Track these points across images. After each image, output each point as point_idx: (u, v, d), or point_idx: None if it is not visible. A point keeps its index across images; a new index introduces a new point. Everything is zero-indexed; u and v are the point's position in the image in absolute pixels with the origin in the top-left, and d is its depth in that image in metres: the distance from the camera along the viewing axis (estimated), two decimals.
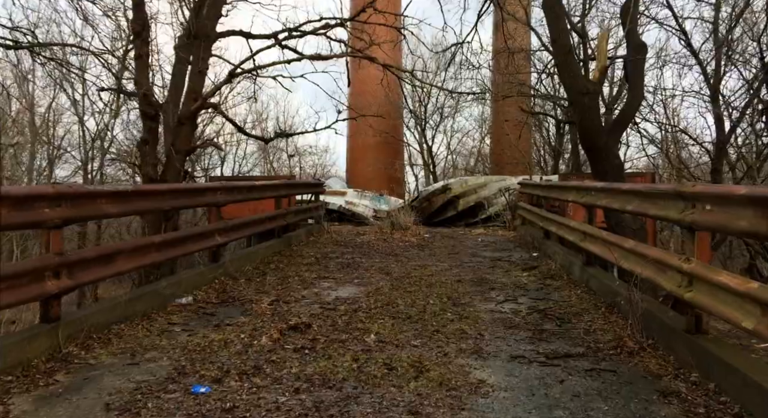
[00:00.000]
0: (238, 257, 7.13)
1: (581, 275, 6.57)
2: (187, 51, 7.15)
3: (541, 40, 18.26)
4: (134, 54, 7.41)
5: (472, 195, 15.74)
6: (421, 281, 6.70)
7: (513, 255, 8.88)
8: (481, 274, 7.26)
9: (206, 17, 7.28)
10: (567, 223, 7.37)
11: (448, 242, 10.48)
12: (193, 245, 5.87)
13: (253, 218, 7.68)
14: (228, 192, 6.72)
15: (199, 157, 17.75)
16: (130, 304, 4.69)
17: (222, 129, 18.45)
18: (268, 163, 23.54)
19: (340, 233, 11.41)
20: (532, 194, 11.14)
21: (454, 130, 26.40)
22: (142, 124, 7.43)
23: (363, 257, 8.56)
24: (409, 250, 9.36)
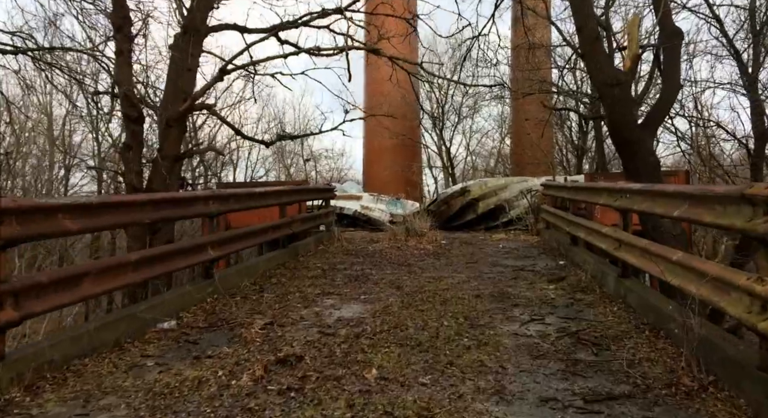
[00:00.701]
0: (235, 272, 6.50)
1: (617, 289, 5.77)
2: (181, 50, 6.58)
3: (562, 34, 17.44)
4: (115, 50, 6.85)
5: (493, 197, 14.94)
6: (435, 296, 5.98)
7: (537, 264, 8.09)
8: (503, 287, 6.50)
9: (196, 9, 6.67)
10: (598, 228, 6.57)
11: (466, 249, 9.73)
12: (180, 261, 5.25)
13: (253, 228, 7.06)
14: (222, 201, 6.10)
15: (211, 164, 17.29)
16: (99, 332, 4.08)
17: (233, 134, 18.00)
18: (284, 168, 23.06)
19: (352, 240, 10.75)
20: (557, 196, 10.32)
21: (473, 131, 25.62)
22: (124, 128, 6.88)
23: (373, 268, 7.87)
24: (423, 259, 8.63)
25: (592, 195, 6.94)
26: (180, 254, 5.26)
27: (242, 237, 6.66)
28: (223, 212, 6.34)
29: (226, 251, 6.17)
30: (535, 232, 11.71)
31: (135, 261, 4.51)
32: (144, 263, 4.63)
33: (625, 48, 8.52)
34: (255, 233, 7.07)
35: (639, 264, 5.17)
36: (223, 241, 6.10)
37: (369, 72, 21.36)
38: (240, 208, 6.77)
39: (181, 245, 5.47)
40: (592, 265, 6.81)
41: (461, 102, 22.27)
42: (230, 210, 6.43)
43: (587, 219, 8.75)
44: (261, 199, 7.30)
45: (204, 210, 5.78)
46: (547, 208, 10.76)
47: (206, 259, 5.76)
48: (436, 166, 26.16)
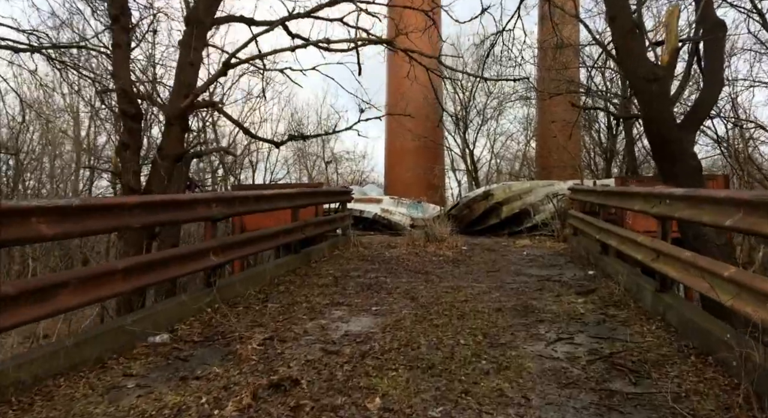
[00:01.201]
0: (240, 280, 6.11)
1: (654, 304, 5.19)
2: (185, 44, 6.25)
3: (591, 33, 16.73)
4: (112, 43, 6.53)
5: (517, 201, 14.33)
6: (452, 309, 5.48)
7: (564, 273, 7.51)
8: (527, 299, 5.96)
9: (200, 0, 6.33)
10: (633, 237, 5.98)
11: (488, 256, 9.18)
12: (177, 268, 4.87)
13: (262, 233, 6.67)
14: (226, 204, 5.71)
15: (231, 166, 17.06)
16: (80, 348, 3.71)
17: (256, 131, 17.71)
18: (305, 170, 22.78)
19: (369, 245, 10.30)
20: (586, 201, 9.70)
21: (498, 134, 24.95)
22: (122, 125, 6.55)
23: (389, 275, 7.40)
24: (442, 266, 8.13)
25: (626, 200, 6.35)
26: (177, 260, 4.88)
27: (249, 242, 6.26)
28: (228, 216, 5.96)
29: (230, 256, 5.78)
30: (562, 238, 11.09)
31: (123, 269, 4.14)
32: (134, 271, 4.26)
33: (660, 43, 7.90)
34: (264, 237, 6.68)
35: (681, 278, 4.59)
36: (227, 246, 5.71)
37: (390, 72, 20.93)
38: (247, 211, 6.40)
39: (179, 250, 5.10)
40: (626, 276, 6.21)
41: (485, 103, 21.63)
42: (236, 213, 6.05)
43: (617, 225, 8.15)
44: (271, 202, 6.91)
45: (206, 213, 5.39)
46: (575, 213, 10.14)
47: (208, 266, 5.37)
48: (460, 169, 25.58)
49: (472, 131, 23.04)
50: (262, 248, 6.71)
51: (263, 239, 6.65)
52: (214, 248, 5.46)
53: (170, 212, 4.81)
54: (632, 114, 13.18)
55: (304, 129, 18.86)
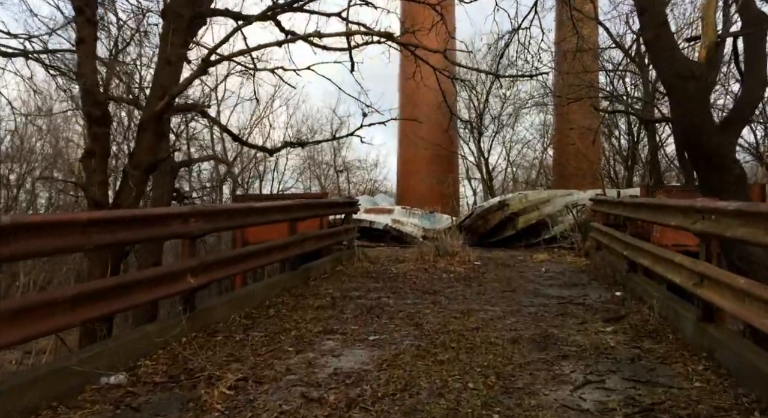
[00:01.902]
0: (224, 302, 5.45)
1: (698, 337, 4.41)
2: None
3: (611, 36, 15.96)
4: (76, 37, 5.93)
5: (534, 212, 13.53)
6: (460, 339, 4.76)
7: (588, 294, 6.73)
8: (546, 327, 5.20)
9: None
10: (670, 257, 5.20)
11: (503, 273, 8.42)
12: (145, 294, 4.23)
13: (252, 249, 6.02)
14: (208, 218, 5.07)
15: (239, 176, 16.54)
16: (10, 396, 3.07)
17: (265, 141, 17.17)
18: (317, 179, 22.22)
19: (376, 259, 9.59)
20: (610, 213, 8.90)
21: (513, 141, 24.12)
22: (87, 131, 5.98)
23: (393, 296, 6.69)
24: (452, 285, 7.39)
25: (660, 214, 5.56)
26: (144, 285, 4.23)
27: (236, 260, 5.61)
28: (210, 232, 5.31)
29: (212, 277, 5.12)
30: (583, 252, 10.28)
31: (72, 297, 3.50)
32: (87, 299, 3.62)
33: (694, 39, 7.13)
34: (255, 254, 6.02)
35: (734, 310, 3.82)
36: (209, 266, 5.06)
37: (402, 77, 20.30)
38: (234, 225, 5.78)
39: (147, 273, 4.46)
40: (660, 300, 5.43)
41: (500, 111, 20.86)
42: (219, 229, 5.42)
43: (644, 239, 7.35)
44: (263, 215, 6.26)
45: (182, 230, 4.76)
46: (598, 226, 9.33)
47: (185, 289, 4.73)
48: (475, 178, 24.82)
49: (486, 139, 22.30)
50: (252, 266, 6.05)
51: (254, 255, 6.00)
52: (192, 269, 4.81)
53: (135, 230, 4.18)
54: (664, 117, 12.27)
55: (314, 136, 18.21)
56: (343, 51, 6.48)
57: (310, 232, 7.80)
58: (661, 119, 12.42)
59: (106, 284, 3.89)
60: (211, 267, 5.08)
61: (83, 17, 5.59)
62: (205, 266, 4.97)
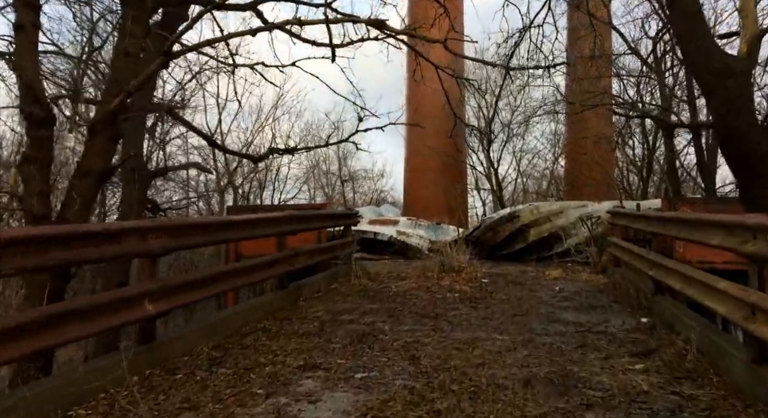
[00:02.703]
0: (194, 330, 4.73)
1: (750, 383, 3.60)
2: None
3: (627, 41, 15.19)
4: (13, 24, 5.22)
5: (546, 224, 12.71)
6: (463, 379, 3.98)
7: (610, 320, 5.91)
8: (565, 362, 4.41)
9: None
10: (711, 282, 4.39)
11: (513, 292, 7.62)
12: (87, 325, 3.52)
13: (226, 269, 5.31)
14: (172, 234, 4.36)
15: (242, 186, 15.89)
16: None
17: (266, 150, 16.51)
18: (322, 189, 21.55)
19: (376, 275, 8.83)
20: (630, 228, 8.09)
21: (524, 151, 23.30)
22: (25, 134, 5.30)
23: (389, 320, 5.92)
24: (456, 307, 6.61)
25: (696, 231, 4.75)
26: (87, 314, 3.52)
27: (209, 281, 4.88)
28: (176, 249, 4.60)
29: (176, 303, 4.41)
30: (599, 269, 9.44)
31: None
32: (4, 335, 2.91)
33: (729, 35, 6.36)
34: (233, 274, 5.30)
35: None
36: (173, 290, 4.35)
37: (410, 83, 19.63)
38: (207, 242, 5.06)
39: (89, 301, 3.75)
40: (698, 331, 4.61)
41: (510, 119, 20.08)
42: (189, 246, 4.72)
43: (666, 255, 6.54)
44: (243, 229, 5.54)
45: (140, 248, 4.05)
46: (617, 241, 8.52)
47: (140, 317, 4.02)
48: (484, 188, 24.01)
49: (496, 148, 21.51)
50: (229, 287, 5.31)
51: (232, 275, 5.27)
52: (151, 293, 4.09)
53: (76, 249, 3.48)
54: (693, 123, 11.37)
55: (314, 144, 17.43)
56: (338, 47, 5.79)
57: (302, 247, 7.08)
58: (690, 125, 11.54)
59: (29, 316, 3.17)
60: (176, 291, 4.36)
61: (21, 1, 4.91)
62: (167, 290, 4.26)
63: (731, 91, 4.64)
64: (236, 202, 15.68)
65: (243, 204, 15.61)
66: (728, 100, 4.63)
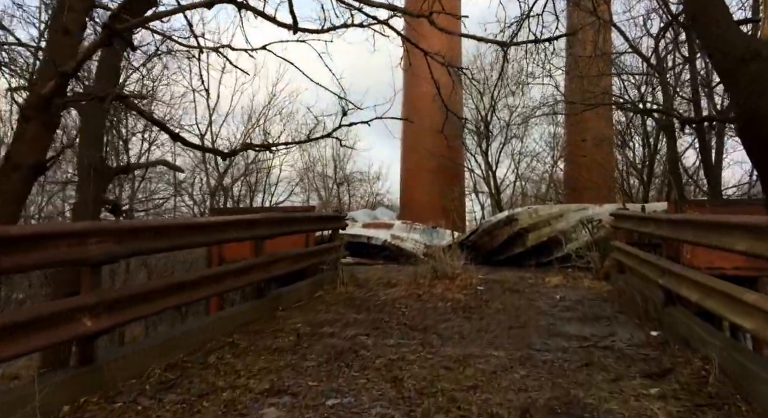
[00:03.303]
0: (148, 347, 4.14)
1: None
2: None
3: (627, 40, 14.65)
4: None
5: (545, 228, 12.13)
6: (451, 407, 3.40)
7: (617, 333, 5.32)
8: (568, 386, 3.82)
9: None
10: (736, 293, 3.80)
11: (510, 301, 7.03)
12: (5, 347, 2.93)
13: (188, 278, 4.71)
14: (122, 238, 3.78)
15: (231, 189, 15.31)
16: None
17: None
18: (316, 192, 20.97)
19: (365, 282, 8.24)
20: (636, 231, 7.52)
21: (522, 154, 22.72)
22: None
23: (374, 332, 5.33)
24: (448, 318, 6.01)
25: (717, 235, 4.16)
26: (5, 332, 2.93)
27: (163, 293, 4.28)
28: (124, 256, 4.02)
29: (121, 318, 3.82)
30: (602, 275, 8.86)
31: None
32: None
33: (748, 21, 5.80)
34: (195, 283, 4.71)
35: None
36: (117, 303, 3.75)
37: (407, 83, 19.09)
38: (165, 247, 4.47)
39: (7, 318, 3.17)
40: (719, 348, 4.02)
41: (509, 120, 19.51)
42: (140, 252, 4.14)
43: (673, 260, 5.96)
44: (212, 232, 4.96)
45: (76, 254, 3.47)
46: (621, 245, 7.93)
47: (76, 335, 3.43)
48: (483, 192, 23.43)
49: (494, 150, 20.91)
50: (191, 298, 4.71)
51: (195, 285, 4.68)
52: (90, 307, 3.51)
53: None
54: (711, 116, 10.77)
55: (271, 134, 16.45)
56: (315, 33, 5.22)
57: (282, 252, 6.50)
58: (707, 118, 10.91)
59: None
60: (121, 304, 3.77)
61: None
62: (110, 304, 3.67)
63: (755, 75, 4.07)
64: (227, 204, 15.10)
65: (235, 206, 15.04)
66: (752, 82, 4.07)
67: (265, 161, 15.83)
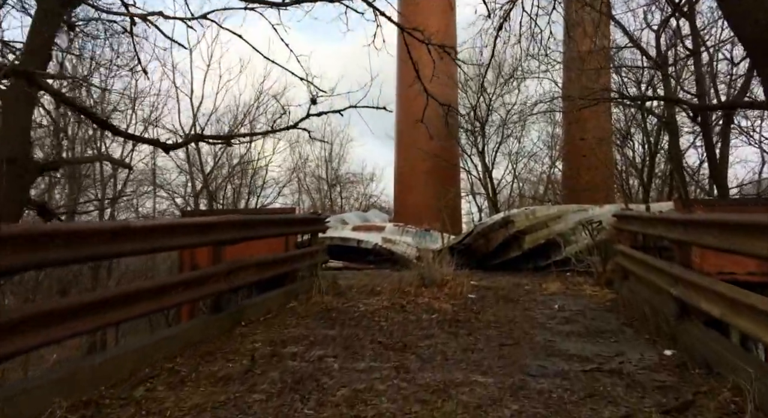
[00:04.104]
0: (51, 381, 3.35)
1: None
2: None
3: (628, 33, 13.90)
4: None
5: (543, 230, 11.36)
6: None
7: (625, 353, 4.52)
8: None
9: None
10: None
11: (503, 311, 6.25)
12: None
13: (112, 293, 3.93)
14: (22, 246, 3.01)
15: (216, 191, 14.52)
16: None
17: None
18: (307, 194, 20.19)
19: (346, 290, 7.44)
20: (643, 234, 6.75)
21: (520, 155, 21.94)
22: None
23: (344, 352, 4.55)
24: (432, 332, 5.22)
25: (749, 239, 3.38)
26: None
27: (75, 313, 3.49)
28: (25, 269, 3.25)
29: (19, 346, 3.04)
30: (604, 281, 8.06)
31: None
32: None
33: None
34: (126, 298, 3.92)
35: None
36: (21, 324, 2.98)
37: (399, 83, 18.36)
38: (83, 257, 3.70)
39: None
40: (754, 377, 3.24)
41: (505, 118, 18.72)
42: (49, 263, 3.35)
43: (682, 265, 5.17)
44: (153, 237, 4.18)
45: None
46: (624, 249, 7.16)
47: None
48: (479, 193, 22.66)
49: (490, 151, 20.13)
50: (112, 320, 3.89)
51: (125, 301, 3.89)
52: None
53: None
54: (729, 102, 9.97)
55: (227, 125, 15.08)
56: (272, 5, 4.47)
57: (246, 259, 5.72)
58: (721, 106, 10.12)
59: None
60: (26, 325, 2.99)
61: None
62: (12, 325, 2.89)
63: None
64: (211, 206, 14.34)
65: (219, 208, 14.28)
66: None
67: (249, 163, 15.07)
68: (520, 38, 7.04)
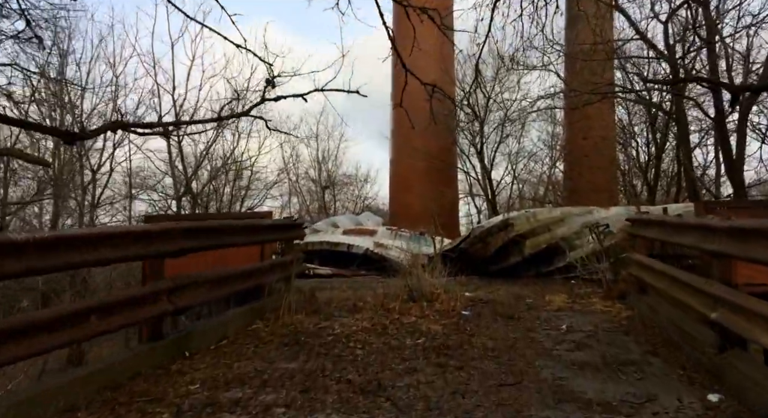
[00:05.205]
0: None
1: None
2: None
3: (634, 23, 12.90)
4: None
5: (545, 234, 10.35)
6: None
7: (657, 397, 3.49)
8: None
9: None
10: None
11: (502, 333, 5.23)
12: None
13: (42, 315, 2.94)
14: None
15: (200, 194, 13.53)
16: None
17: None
18: (299, 196, 19.19)
19: (324, 306, 6.41)
20: (661, 241, 5.74)
21: (519, 155, 20.92)
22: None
23: (299, 397, 3.53)
24: (415, 365, 4.19)
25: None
26: None
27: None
28: None
29: None
30: (616, 293, 7.03)
31: None
32: None
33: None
34: (18, 330, 2.93)
35: None
36: None
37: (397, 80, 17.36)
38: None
39: None
40: None
41: (504, 116, 17.71)
42: None
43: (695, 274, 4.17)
44: (58, 254, 3.19)
45: None
46: (642, 259, 6.13)
47: None
48: (478, 195, 21.64)
49: (489, 151, 19.11)
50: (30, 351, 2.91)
51: (24, 332, 2.89)
52: None
53: None
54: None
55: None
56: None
57: (194, 274, 4.72)
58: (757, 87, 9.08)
59: None
60: None
61: None
62: None
63: None
64: (195, 210, 13.35)
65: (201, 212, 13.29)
66: None
67: (233, 163, 14.08)
68: (521, 14, 6.04)
